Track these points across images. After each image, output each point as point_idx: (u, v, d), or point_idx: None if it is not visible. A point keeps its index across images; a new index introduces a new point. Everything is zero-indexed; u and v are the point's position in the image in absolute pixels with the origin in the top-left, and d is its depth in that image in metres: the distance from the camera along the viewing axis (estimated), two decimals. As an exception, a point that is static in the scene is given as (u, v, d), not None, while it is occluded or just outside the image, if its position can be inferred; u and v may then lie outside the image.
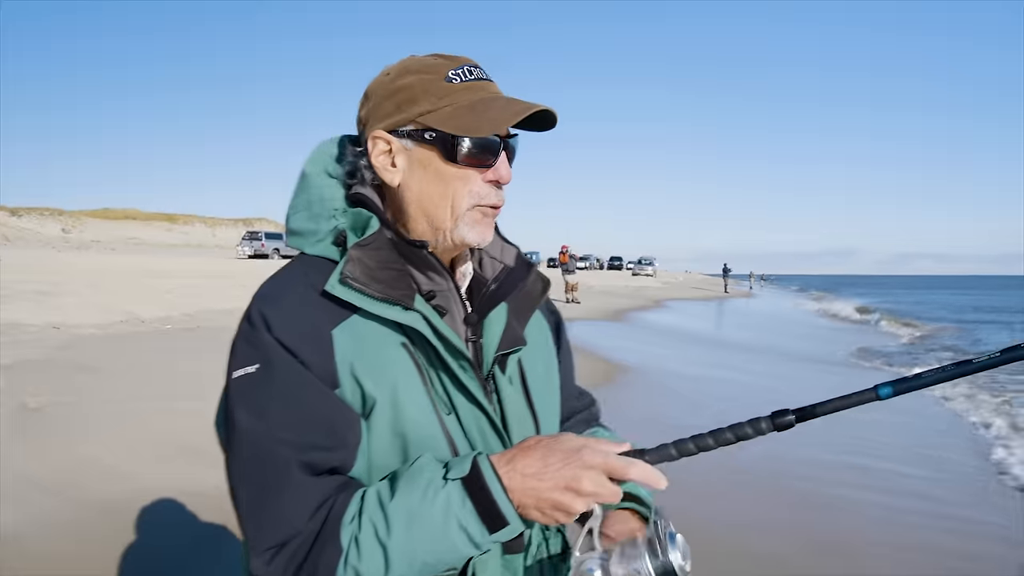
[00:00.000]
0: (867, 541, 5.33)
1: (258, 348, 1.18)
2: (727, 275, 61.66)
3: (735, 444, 1.17)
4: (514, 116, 1.27)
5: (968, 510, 6.20)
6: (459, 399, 1.27)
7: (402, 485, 1.13)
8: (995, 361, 1.08)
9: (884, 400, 1.12)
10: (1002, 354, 1.08)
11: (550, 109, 1.29)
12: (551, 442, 1.15)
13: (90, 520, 4.42)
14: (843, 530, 5.53)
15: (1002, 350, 1.08)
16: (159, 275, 22.86)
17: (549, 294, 1.51)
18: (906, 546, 5.27)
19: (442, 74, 1.28)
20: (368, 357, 1.21)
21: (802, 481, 6.73)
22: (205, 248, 75.34)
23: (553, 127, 1.35)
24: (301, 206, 1.35)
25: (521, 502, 1.11)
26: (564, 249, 29.71)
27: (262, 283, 1.29)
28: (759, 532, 5.37)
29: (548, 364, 1.50)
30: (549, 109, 1.29)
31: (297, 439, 1.14)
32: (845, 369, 15.60)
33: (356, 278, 1.20)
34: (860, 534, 5.46)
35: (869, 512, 5.97)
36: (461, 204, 1.29)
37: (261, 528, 1.12)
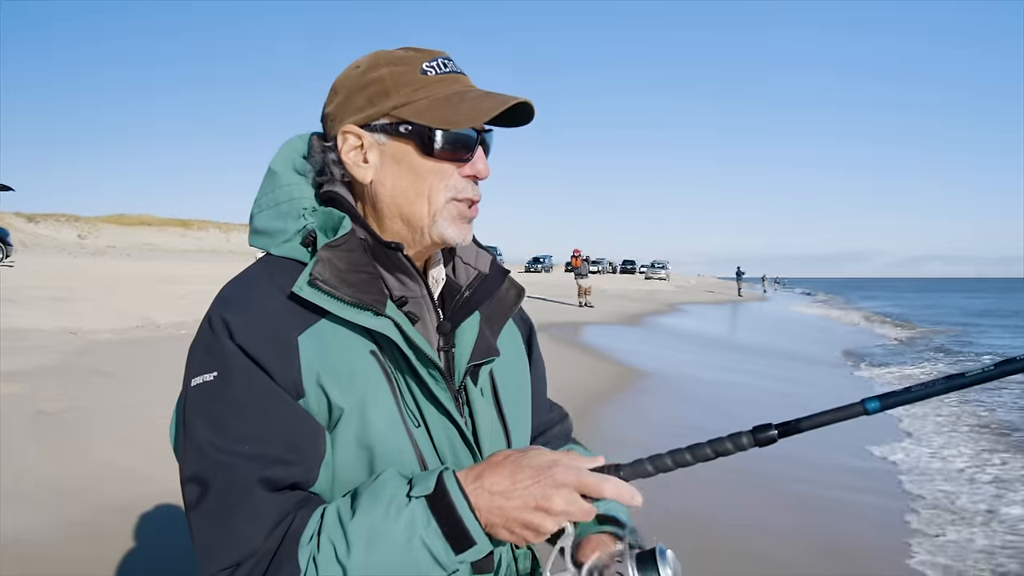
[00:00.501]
0: (868, 544, 5.32)
1: (217, 355, 1.12)
2: (740, 278, 61.39)
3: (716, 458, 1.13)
4: (493, 108, 1.21)
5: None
6: (429, 411, 1.21)
7: (363, 502, 1.07)
8: (988, 375, 1.04)
9: (871, 414, 1.07)
10: (996, 367, 1.04)
11: (528, 101, 1.24)
12: (520, 457, 1.10)
13: (107, 523, 4.43)
14: (844, 533, 5.53)
15: (996, 363, 1.04)
16: (174, 281, 22.92)
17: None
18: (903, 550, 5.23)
19: (416, 66, 1.24)
20: (335, 365, 1.15)
21: (799, 484, 6.71)
22: (219, 253, 75.36)
23: (529, 122, 1.29)
24: (267, 204, 1.28)
25: (489, 521, 1.06)
26: (577, 253, 29.63)
27: (224, 285, 1.23)
28: (760, 533, 5.36)
29: (520, 376, 1.45)
30: (527, 102, 1.24)
31: (256, 452, 1.08)
32: (847, 371, 15.48)
33: (326, 280, 1.14)
34: (861, 537, 5.44)
35: (869, 515, 5.96)
36: (438, 199, 1.24)
37: (215, 547, 1.07)
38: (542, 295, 29.72)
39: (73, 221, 78.38)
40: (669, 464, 1.12)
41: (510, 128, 1.31)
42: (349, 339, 1.17)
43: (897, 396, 1.07)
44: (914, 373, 15.40)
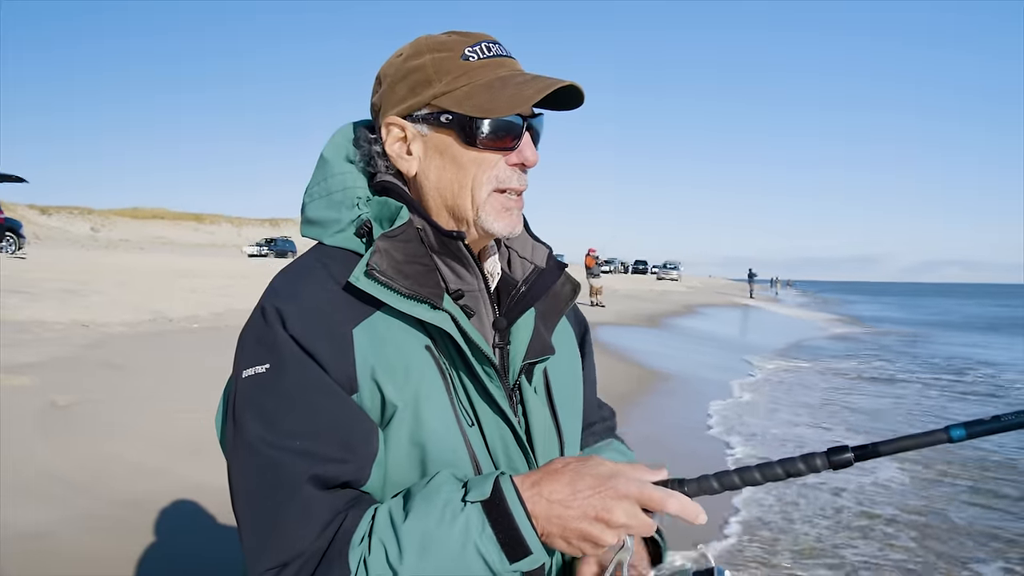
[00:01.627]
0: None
1: (270, 346, 1.10)
2: (752, 280, 61.43)
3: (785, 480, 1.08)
4: (536, 94, 1.16)
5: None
6: (483, 409, 1.18)
7: (417, 505, 1.04)
8: None
9: (955, 442, 1.01)
10: None
11: (576, 85, 1.19)
12: (580, 466, 1.06)
13: (119, 517, 4.41)
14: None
15: None
16: (187, 274, 22.99)
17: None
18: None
19: (458, 52, 1.19)
20: (390, 360, 1.12)
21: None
22: (232, 248, 75.78)
23: (580, 105, 1.24)
24: (320, 194, 1.26)
25: (545, 530, 1.03)
26: (591, 252, 29.56)
27: (276, 274, 1.21)
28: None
29: (573, 375, 1.42)
30: (575, 85, 1.19)
31: (308, 449, 1.06)
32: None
33: (383, 271, 1.11)
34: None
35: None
36: (482, 191, 1.20)
37: (264, 546, 1.04)
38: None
39: (86, 214, 78.91)
40: (736, 482, 1.07)
41: (561, 112, 1.26)
42: (404, 333, 1.15)
43: (984, 425, 1.01)
44: (802, 365, 16.13)
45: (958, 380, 14.68)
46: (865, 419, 10.27)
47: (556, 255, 1.36)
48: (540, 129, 1.26)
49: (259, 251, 58.00)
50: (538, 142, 1.26)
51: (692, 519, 1.03)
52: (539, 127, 1.26)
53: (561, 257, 40.93)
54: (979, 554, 5.28)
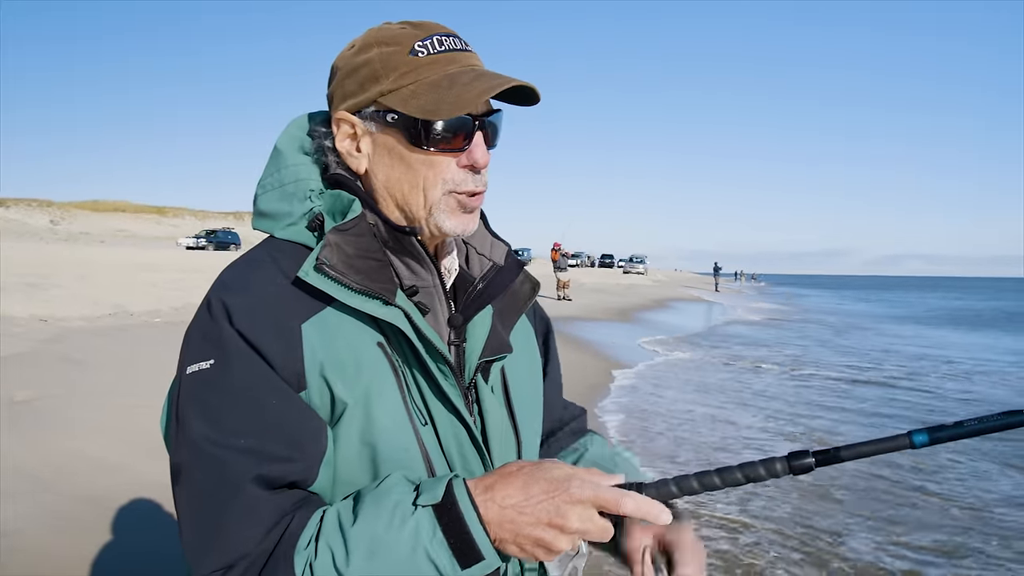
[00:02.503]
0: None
1: (215, 341, 1.06)
2: (718, 273, 62.05)
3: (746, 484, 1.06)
4: (481, 95, 1.12)
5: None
6: (437, 408, 1.15)
7: (366, 507, 1.00)
8: None
9: (918, 448, 0.99)
10: None
11: (527, 84, 1.15)
12: (534, 469, 1.02)
13: (79, 513, 4.37)
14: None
15: None
16: (149, 268, 22.70)
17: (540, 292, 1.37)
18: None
19: (407, 47, 1.14)
20: (340, 356, 1.08)
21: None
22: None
23: (537, 102, 1.20)
24: (272, 185, 1.22)
25: (498, 536, 0.99)
26: (556, 246, 29.65)
27: (224, 268, 1.17)
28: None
29: (533, 374, 1.38)
30: (526, 85, 1.15)
31: (253, 447, 1.02)
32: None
33: (333, 266, 1.08)
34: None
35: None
36: (433, 193, 1.16)
37: (207, 547, 1.00)
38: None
39: (46, 206, 77.48)
40: (695, 487, 1.05)
41: (521, 107, 1.23)
42: (355, 329, 1.11)
43: (948, 430, 0.99)
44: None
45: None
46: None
47: (522, 249, 1.34)
48: (499, 126, 1.22)
49: (196, 243, 54.51)
50: (496, 139, 1.22)
51: (655, 519, 1.00)
52: (497, 124, 1.22)
53: (528, 251, 41.22)
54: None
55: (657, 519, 1.00)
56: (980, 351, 19.63)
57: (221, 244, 54.88)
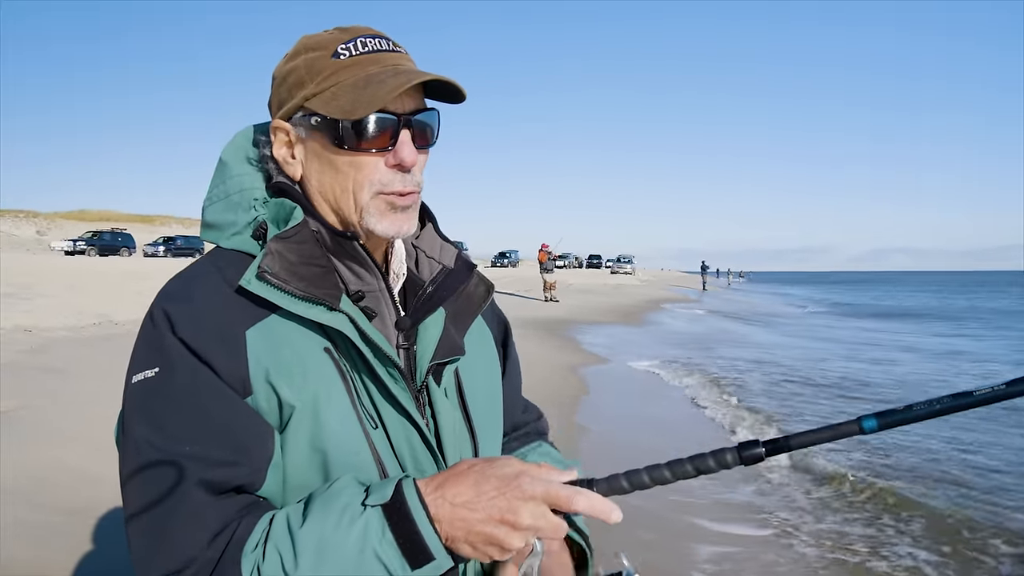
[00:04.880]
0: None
1: (159, 350, 1.06)
2: (705, 272, 62.19)
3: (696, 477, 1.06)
4: (394, 90, 1.10)
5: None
6: (387, 412, 1.15)
7: (315, 510, 1.00)
8: (998, 394, 0.95)
9: (868, 434, 0.99)
10: (1007, 386, 0.95)
11: (444, 79, 1.15)
12: (485, 467, 1.02)
13: (60, 525, 4.33)
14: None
15: (1007, 382, 0.95)
16: (135, 276, 22.59)
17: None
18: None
19: (330, 50, 1.15)
20: (286, 362, 1.08)
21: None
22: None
23: (462, 100, 1.20)
24: (218, 196, 1.23)
25: (449, 534, 0.99)
26: (544, 247, 29.63)
27: (168, 280, 1.17)
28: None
29: (490, 376, 1.38)
30: (442, 79, 1.15)
31: (198, 453, 1.02)
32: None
33: (275, 273, 1.08)
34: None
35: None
36: (361, 195, 1.16)
37: (152, 554, 1.00)
38: (508, 290, 29.71)
39: (32, 217, 77.01)
40: (646, 481, 1.05)
41: (447, 104, 1.23)
42: (301, 335, 1.11)
43: (897, 415, 0.99)
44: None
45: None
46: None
47: (510, 251, 1.36)
48: (431, 124, 1.21)
49: (74, 247, 48.08)
50: (430, 137, 1.21)
51: (605, 517, 1.00)
52: (428, 122, 1.20)
53: (515, 253, 41.31)
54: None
55: (609, 517, 1.00)
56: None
57: (108, 247, 49.53)
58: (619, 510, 1.01)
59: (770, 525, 5.50)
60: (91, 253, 46.97)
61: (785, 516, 5.72)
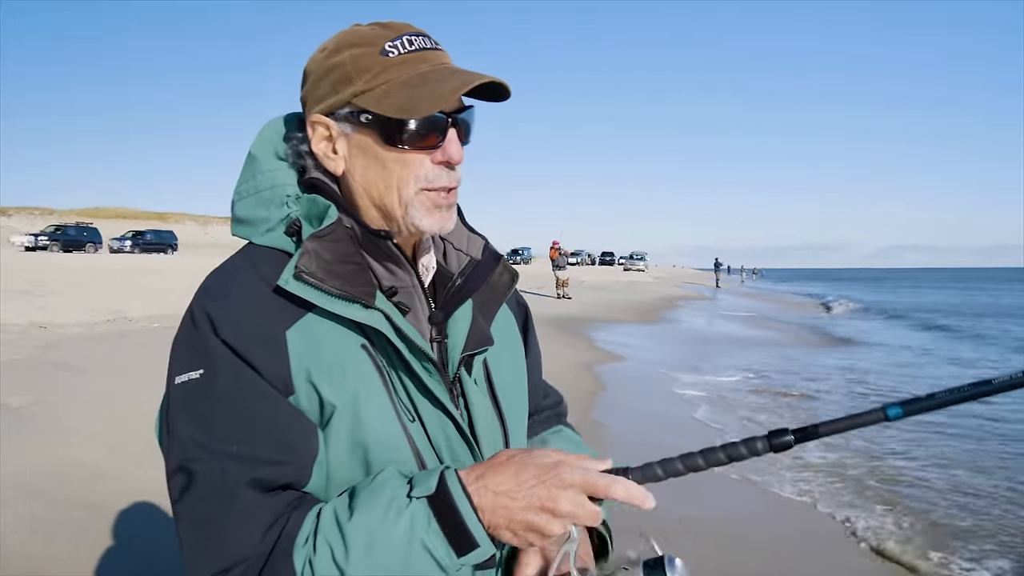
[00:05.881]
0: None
1: (202, 351, 1.08)
2: (718, 269, 62.09)
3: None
4: (454, 91, 1.14)
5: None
6: (423, 405, 1.17)
7: (362, 503, 1.03)
8: (1016, 382, 0.97)
9: (892, 421, 1.02)
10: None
11: (498, 81, 1.16)
12: (524, 457, 1.05)
13: (75, 521, 4.35)
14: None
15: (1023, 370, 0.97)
16: (148, 273, 22.73)
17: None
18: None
19: (379, 47, 1.15)
20: (326, 360, 1.10)
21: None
22: (198, 247, 75.08)
23: (507, 98, 1.21)
24: (248, 192, 1.23)
25: (492, 522, 1.02)
26: (555, 244, 29.63)
27: (206, 276, 1.18)
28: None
29: (515, 363, 1.40)
30: (496, 80, 1.16)
31: (246, 453, 1.04)
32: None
33: (312, 273, 1.10)
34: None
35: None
36: (407, 190, 1.18)
37: (204, 552, 1.02)
38: (521, 286, 29.44)
39: (47, 214, 77.65)
40: (680, 468, 1.08)
41: (491, 103, 1.24)
42: (338, 333, 1.13)
43: (920, 403, 1.01)
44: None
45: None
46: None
47: (522, 248, 1.37)
48: (471, 121, 1.23)
49: (35, 242, 46.28)
50: (469, 135, 1.23)
51: (640, 504, 1.02)
52: (469, 120, 1.23)
53: (528, 250, 41.71)
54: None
55: (643, 504, 1.02)
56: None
57: (72, 243, 47.49)
58: (652, 497, 1.03)
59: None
60: (53, 248, 45.41)
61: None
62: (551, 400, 1.59)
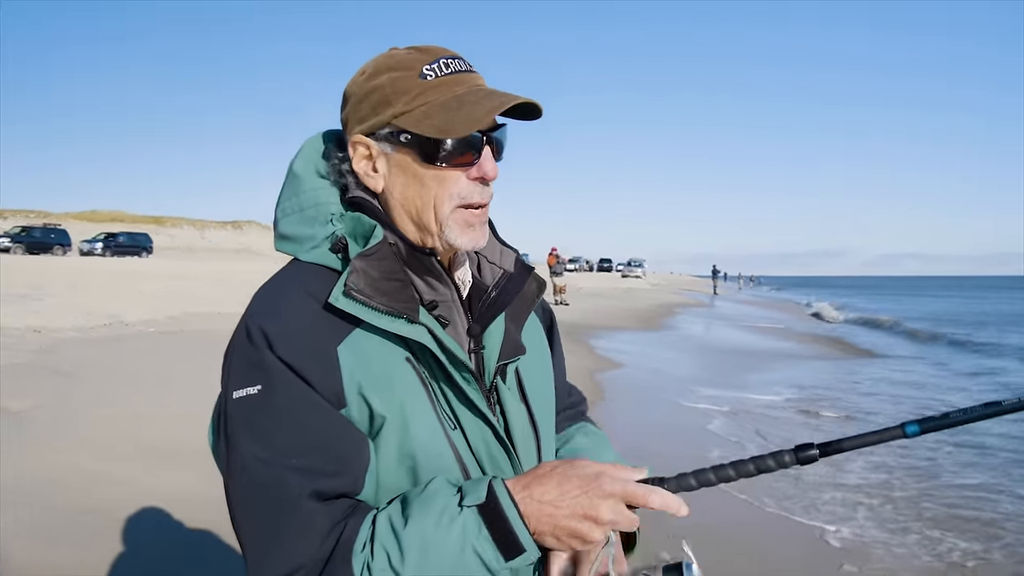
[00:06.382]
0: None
1: (260, 368, 1.12)
2: (716, 276, 62.25)
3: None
4: (489, 113, 1.19)
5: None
6: (464, 413, 1.22)
7: (415, 511, 1.08)
8: (1022, 404, 1.07)
9: (910, 437, 1.10)
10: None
11: (531, 101, 1.22)
12: (567, 468, 1.11)
13: (73, 525, 4.33)
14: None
15: None
16: (144, 277, 22.73)
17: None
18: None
19: (416, 70, 1.21)
20: (375, 374, 1.16)
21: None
22: (194, 251, 75.12)
23: (539, 116, 1.28)
24: (292, 209, 1.28)
25: (537, 529, 1.08)
26: (553, 251, 29.72)
27: (256, 292, 1.23)
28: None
29: (543, 367, 1.46)
30: (530, 101, 1.22)
31: (304, 465, 1.09)
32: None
33: (361, 290, 1.15)
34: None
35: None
36: (444, 207, 1.23)
37: (267, 559, 1.08)
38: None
39: (43, 217, 77.60)
40: (712, 479, 1.14)
41: (523, 121, 1.30)
42: (385, 347, 1.18)
43: (936, 421, 1.09)
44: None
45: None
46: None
47: (522, 255, 1.41)
48: (504, 140, 1.28)
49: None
50: (502, 152, 1.28)
51: (676, 512, 1.09)
52: (502, 138, 1.28)
53: (526, 256, 42.04)
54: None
55: (678, 512, 1.10)
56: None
57: (38, 245, 44.99)
58: (686, 506, 1.10)
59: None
60: (17, 251, 42.93)
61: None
62: (575, 398, 1.66)
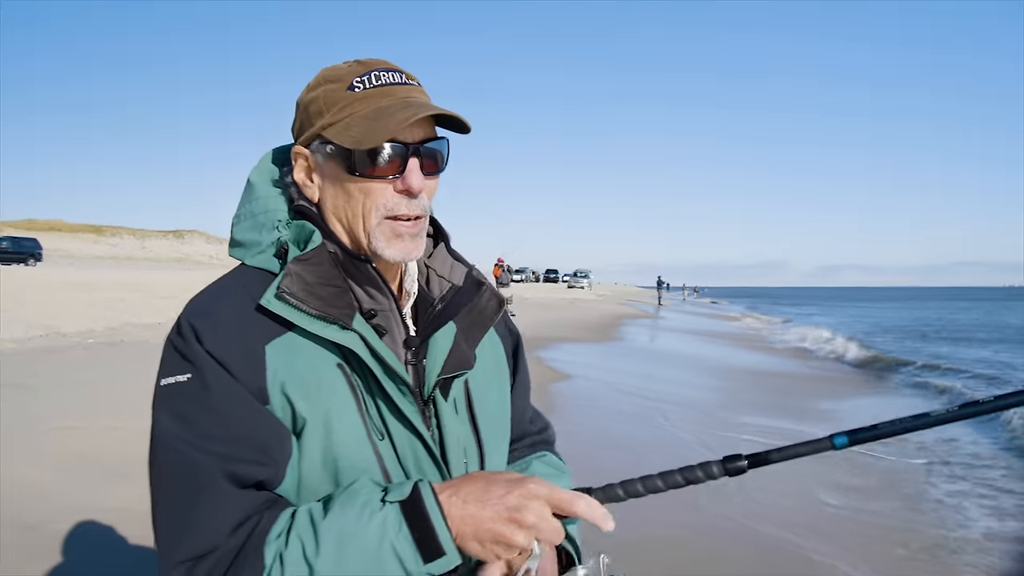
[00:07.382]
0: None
1: (188, 359, 1.15)
2: (660, 287, 62.58)
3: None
4: (401, 123, 1.20)
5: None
6: (394, 425, 1.22)
7: (336, 505, 1.09)
8: (951, 416, 1.09)
9: (839, 449, 1.11)
10: (960, 408, 1.08)
11: (446, 112, 1.24)
12: (494, 474, 1.13)
13: (8, 541, 4.26)
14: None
15: (960, 405, 1.08)
16: (83, 288, 22.19)
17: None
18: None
19: (346, 83, 1.25)
20: (301, 376, 1.17)
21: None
22: (135, 260, 73.56)
23: (468, 131, 1.30)
24: (245, 216, 1.32)
25: (460, 531, 1.07)
26: (499, 262, 29.68)
27: (198, 292, 1.26)
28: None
29: (500, 388, 1.45)
30: (448, 113, 1.25)
31: (223, 449, 1.10)
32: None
33: (293, 293, 1.16)
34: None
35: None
36: (371, 218, 1.25)
37: (178, 538, 1.07)
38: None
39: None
40: (640, 490, 1.15)
41: (455, 134, 1.32)
42: (316, 352, 1.19)
43: (864, 432, 1.11)
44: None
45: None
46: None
47: (476, 271, 1.42)
48: (440, 151, 1.30)
49: None
50: (439, 164, 1.30)
51: (600, 523, 1.09)
52: (438, 149, 1.29)
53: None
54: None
55: (604, 524, 1.09)
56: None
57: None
58: (612, 519, 1.10)
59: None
60: None
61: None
62: (537, 426, 1.63)
